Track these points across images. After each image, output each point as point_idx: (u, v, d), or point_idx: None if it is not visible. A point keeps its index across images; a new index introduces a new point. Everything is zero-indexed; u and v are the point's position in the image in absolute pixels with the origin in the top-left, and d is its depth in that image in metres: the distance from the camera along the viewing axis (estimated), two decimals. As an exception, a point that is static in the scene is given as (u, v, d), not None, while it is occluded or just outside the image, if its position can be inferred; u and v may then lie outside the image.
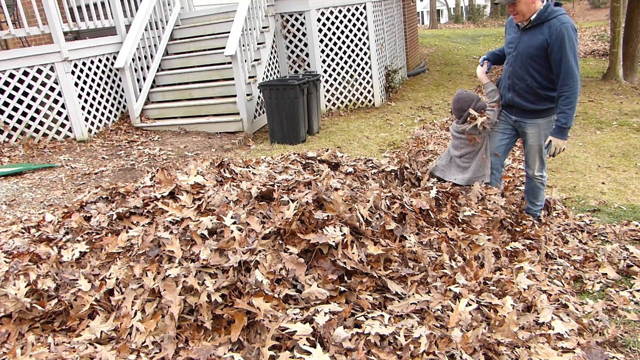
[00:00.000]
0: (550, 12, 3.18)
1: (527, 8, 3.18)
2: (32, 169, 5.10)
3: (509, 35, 3.48)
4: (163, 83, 7.35)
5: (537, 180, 3.64)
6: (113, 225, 2.89)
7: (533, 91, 3.36)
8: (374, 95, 8.35)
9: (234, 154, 5.77)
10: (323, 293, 2.35)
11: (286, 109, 6.05)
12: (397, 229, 2.88)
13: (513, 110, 3.54)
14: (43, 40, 7.42)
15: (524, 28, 3.29)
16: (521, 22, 3.27)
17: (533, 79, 3.33)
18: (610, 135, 6.88)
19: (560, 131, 3.26)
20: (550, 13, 3.17)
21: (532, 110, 3.42)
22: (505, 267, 2.90)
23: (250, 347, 2.14)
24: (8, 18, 6.00)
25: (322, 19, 7.73)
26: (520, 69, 3.36)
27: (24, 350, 2.20)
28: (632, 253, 3.24)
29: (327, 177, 3.28)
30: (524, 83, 3.37)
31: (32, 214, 3.88)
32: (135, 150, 5.91)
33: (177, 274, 2.38)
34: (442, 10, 46.28)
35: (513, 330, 2.25)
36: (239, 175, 3.39)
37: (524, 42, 3.30)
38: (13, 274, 2.50)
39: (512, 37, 3.42)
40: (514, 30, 3.41)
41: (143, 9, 6.92)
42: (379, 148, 5.96)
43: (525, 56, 3.31)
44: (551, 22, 3.16)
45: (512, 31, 3.43)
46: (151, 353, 2.16)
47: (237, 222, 2.67)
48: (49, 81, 5.96)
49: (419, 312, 2.37)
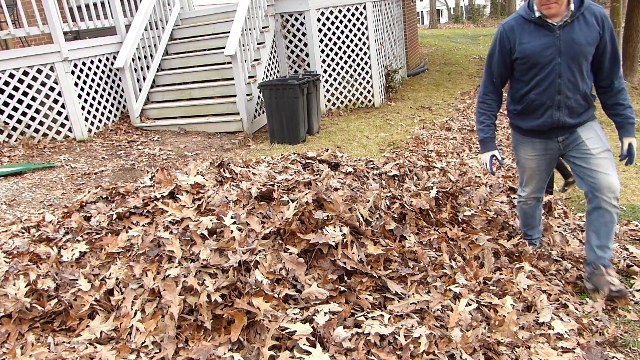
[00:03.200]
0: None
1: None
2: (32, 169, 5.10)
3: (532, 42, 2.60)
4: (163, 83, 7.35)
5: (614, 209, 2.65)
6: (113, 225, 2.89)
7: (585, 98, 2.66)
8: (374, 95, 8.35)
9: (234, 153, 5.77)
10: (323, 293, 2.35)
11: (286, 109, 6.05)
12: (397, 229, 2.88)
13: (556, 132, 2.75)
14: (43, 40, 7.42)
15: (564, 24, 2.54)
16: (556, 14, 2.51)
17: (585, 84, 2.63)
18: (610, 135, 6.85)
19: (633, 129, 2.64)
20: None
21: (579, 122, 2.72)
22: (505, 267, 2.90)
23: (250, 347, 2.14)
24: (8, 18, 6.00)
25: (322, 19, 7.73)
26: (572, 76, 2.59)
27: (24, 350, 2.20)
28: (632, 253, 3.24)
29: (327, 177, 3.28)
30: (578, 93, 2.63)
31: (32, 214, 3.87)
32: (135, 150, 5.91)
33: (177, 274, 2.38)
34: (442, 10, 46.29)
35: (513, 330, 2.25)
36: (238, 175, 3.39)
37: (570, 41, 2.54)
38: (13, 274, 2.49)
39: (543, 42, 2.57)
40: (535, 36, 2.60)
41: (143, 9, 6.92)
42: (378, 148, 5.96)
43: (577, 57, 2.56)
44: (591, 8, 2.54)
45: (533, 37, 2.60)
46: (151, 353, 2.16)
47: (237, 222, 2.67)
48: (49, 81, 5.96)
49: (419, 312, 2.37)
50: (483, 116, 2.86)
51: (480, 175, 4.48)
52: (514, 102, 2.81)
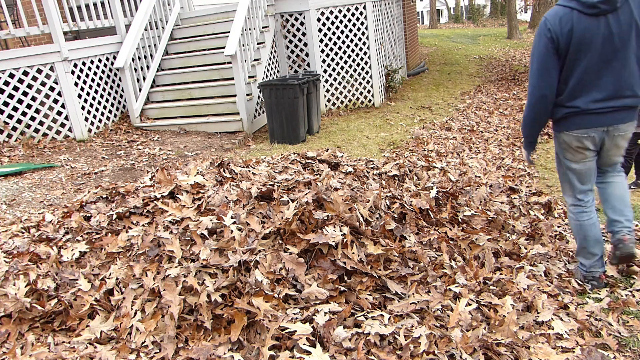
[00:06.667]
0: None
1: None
2: (32, 169, 5.10)
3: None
4: (163, 83, 7.35)
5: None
6: (113, 225, 2.89)
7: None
8: (374, 95, 8.35)
9: (234, 153, 5.77)
10: (323, 293, 2.35)
11: (286, 109, 6.05)
12: (397, 229, 2.88)
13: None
14: (43, 40, 7.42)
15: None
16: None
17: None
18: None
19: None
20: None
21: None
22: (505, 267, 2.90)
23: (250, 346, 2.14)
24: (8, 18, 6.00)
25: (322, 19, 7.73)
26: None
27: (24, 350, 2.20)
28: (632, 253, 3.24)
29: (327, 177, 3.28)
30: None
31: (32, 214, 3.87)
32: (135, 150, 5.91)
33: (177, 274, 2.38)
34: (442, 10, 46.29)
35: (513, 330, 2.25)
36: (238, 175, 3.39)
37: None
38: (13, 273, 2.50)
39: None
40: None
41: (143, 9, 6.92)
42: (378, 148, 5.96)
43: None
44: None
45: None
46: (151, 353, 2.16)
47: (237, 222, 2.67)
48: (49, 81, 5.96)
49: (419, 311, 2.37)
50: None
51: (480, 175, 4.48)
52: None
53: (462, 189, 3.62)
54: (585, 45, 2.36)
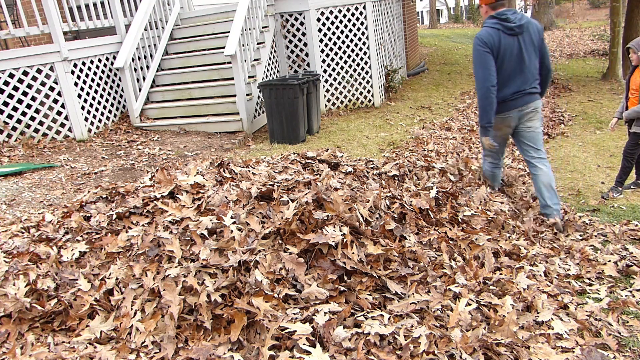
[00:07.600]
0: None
1: None
2: (32, 169, 5.09)
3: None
4: (163, 83, 7.35)
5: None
6: (113, 225, 2.89)
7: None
8: (374, 95, 8.35)
9: (234, 153, 5.77)
10: (323, 293, 2.35)
11: (286, 109, 6.05)
12: (397, 229, 2.88)
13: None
14: (43, 40, 7.42)
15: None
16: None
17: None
18: (610, 135, 6.87)
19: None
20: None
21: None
22: (505, 267, 2.90)
23: (250, 346, 2.14)
24: (8, 18, 6.00)
25: (321, 19, 7.73)
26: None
27: (24, 350, 2.20)
28: (632, 253, 3.24)
29: (327, 177, 3.28)
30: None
31: (31, 214, 3.87)
32: (135, 150, 5.91)
33: (177, 274, 2.38)
34: (441, 10, 46.26)
35: (513, 330, 2.25)
36: (238, 175, 3.39)
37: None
38: (13, 273, 2.49)
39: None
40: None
41: (143, 9, 6.92)
42: (378, 148, 5.96)
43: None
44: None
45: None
46: (151, 353, 2.16)
47: (237, 222, 2.67)
48: (49, 81, 5.95)
49: (419, 311, 2.37)
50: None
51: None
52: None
53: (462, 189, 3.62)
54: (507, 55, 3.53)
